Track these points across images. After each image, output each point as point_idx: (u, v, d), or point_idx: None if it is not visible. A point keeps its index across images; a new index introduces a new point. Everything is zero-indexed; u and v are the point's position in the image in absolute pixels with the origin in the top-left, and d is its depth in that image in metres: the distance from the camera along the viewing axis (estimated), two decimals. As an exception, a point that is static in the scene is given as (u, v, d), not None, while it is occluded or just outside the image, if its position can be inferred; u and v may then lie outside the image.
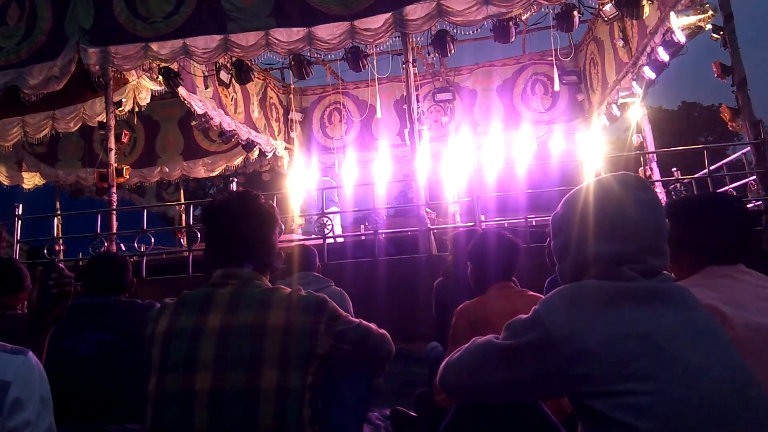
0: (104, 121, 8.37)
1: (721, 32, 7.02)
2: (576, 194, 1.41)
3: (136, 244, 7.30)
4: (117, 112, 8.95)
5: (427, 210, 7.87)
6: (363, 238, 8.05)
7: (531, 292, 2.53)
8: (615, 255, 1.30)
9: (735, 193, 7.16)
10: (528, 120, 13.05)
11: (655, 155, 10.21)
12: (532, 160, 11.98)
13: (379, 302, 5.88)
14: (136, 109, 9.53)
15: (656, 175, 9.79)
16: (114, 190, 7.99)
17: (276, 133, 13.14)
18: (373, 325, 1.73)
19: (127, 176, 8.67)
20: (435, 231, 7.29)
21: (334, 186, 10.19)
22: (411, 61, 8.34)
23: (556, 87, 12.22)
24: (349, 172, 12.46)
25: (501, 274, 2.59)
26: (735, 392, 1.14)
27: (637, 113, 10.70)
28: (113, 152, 8.00)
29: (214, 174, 13.18)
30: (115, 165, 8.19)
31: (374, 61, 11.30)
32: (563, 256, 1.42)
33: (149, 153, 12.44)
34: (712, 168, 7.10)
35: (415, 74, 8.81)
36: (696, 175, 7.88)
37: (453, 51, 8.62)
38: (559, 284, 1.38)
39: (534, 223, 8.30)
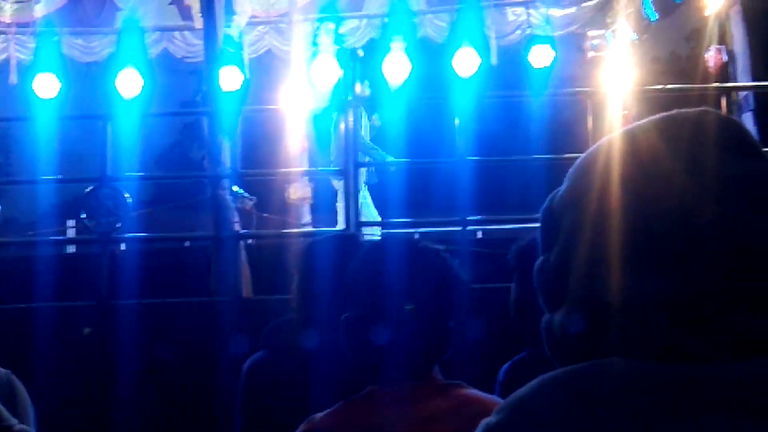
0: None
1: None
2: (590, 162, 1.50)
3: None
4: None
5: (238, 192, 7.91)
6: (73, 250, 7.94)
7: (476, 393, 2.71)
8: (668, 300, 1.36)
9: None
10: None
11: (751, 95, 11.01)
12: (485, 88, 12.40)
13: (114, 407, 5.94)
14: None
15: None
16: None
17: None
18: None
19: None
20: (252, 242, 7.62)
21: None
22: None
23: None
24: (43, 88, 12.11)
25: (417, 352, 2.75)
26: None
27: (717, 1, 11.43)
28: None
29: None
30: None
31: None
32: (557, 295, 1.49)
33: None
34: None
35: None
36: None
37: None
38: (535, 368, 1.44)
39: (481, 235, 8.54)
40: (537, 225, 1.57)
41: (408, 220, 8.50)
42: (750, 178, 1.39)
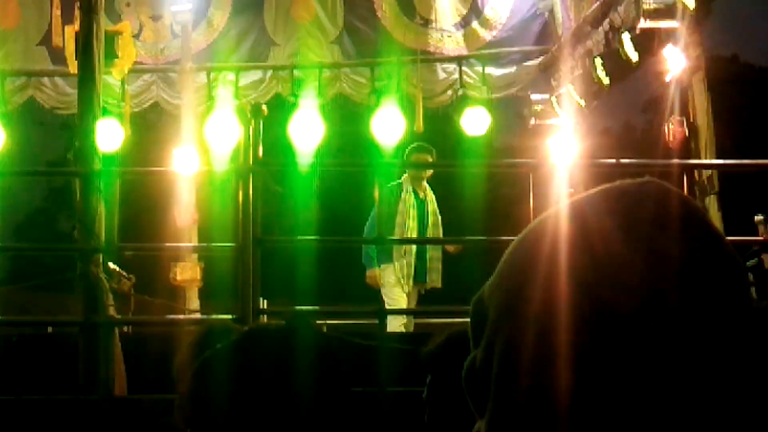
0: None
1: None
2: (518, 244, 1.54)
3: None
4: None
5: (113, 270, 7.84)
6: None
7: None
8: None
9: None
10: (406, 44, 14.07)
11: (715, 175, 11.09)
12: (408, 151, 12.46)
13: None
14: None
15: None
16: None
17: None
18: None
19: None
20: (128, 330, 7.53)
21: None
22: None
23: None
24: None
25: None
26: None
27: (679, 62, 11.62)
28: None
29: None
30: None
31: None
32: (484, 400, 1.50)
33: None
34: None
35: None
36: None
37: None
38: None
39: (404, 329, 8.49)
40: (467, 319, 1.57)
41: (316, 308, 8.43)
42: (680, 261, 1.41)
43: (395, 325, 10.25)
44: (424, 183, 11.07)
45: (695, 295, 1.41)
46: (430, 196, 11.13)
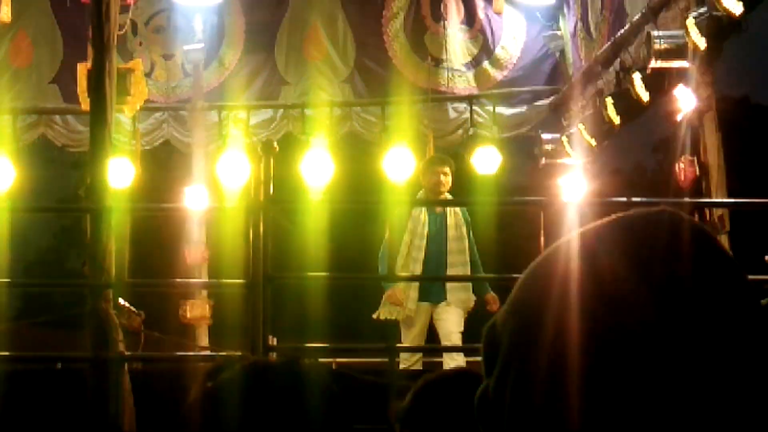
0: None
1: None
2: (531, 273, 1.53)
3: None
4: None
5: (123, 306, 7.79)
6: None
7: None
8: None
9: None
10: (417, 83, 14.18)
11: (727, 215, 11.13)
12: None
13: None
14: None
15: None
16: None
17: None
18: None
19: None
20: (137, 366, 7.36)
21: None
22: None
23: (499, 6, 13.00)
24: None
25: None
26: None
27: (690, 101, 11.63)
28: None
29: None
30: None
31: None
32: (498, 429, 1.49)
33: None
34: None
35: None
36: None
37: None
38: None
39: (421, 366, 8.47)
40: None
41: (327, 346, 8.38)
42: (692, 287, 1.40)
43: (407, 362, 10.19)
44: (444, 197, 10.92)
45: (706, 319, 1.40)
46: (452, 209, 10.97)
